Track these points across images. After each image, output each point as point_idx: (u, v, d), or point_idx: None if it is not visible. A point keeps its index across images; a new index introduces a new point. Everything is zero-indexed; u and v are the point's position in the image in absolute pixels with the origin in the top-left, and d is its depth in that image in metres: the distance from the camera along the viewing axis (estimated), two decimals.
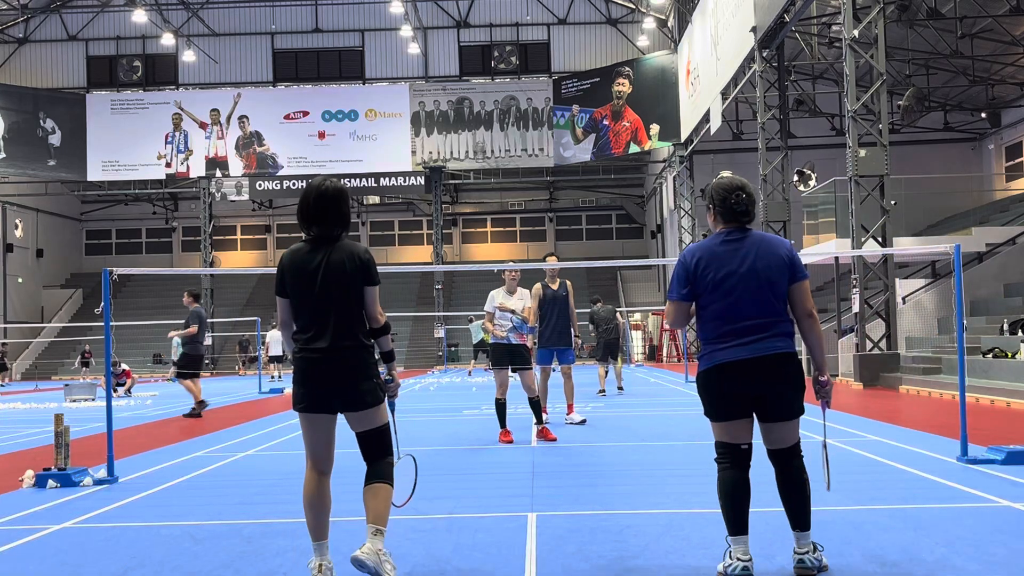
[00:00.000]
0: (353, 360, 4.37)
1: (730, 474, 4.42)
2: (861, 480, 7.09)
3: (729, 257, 4.37)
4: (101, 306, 8.20)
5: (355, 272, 4.40)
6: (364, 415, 4.42)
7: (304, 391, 4.39)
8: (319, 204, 4.46)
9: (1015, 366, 14.52)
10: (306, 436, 4.48)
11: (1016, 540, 5.05)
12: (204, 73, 46.44)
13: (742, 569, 4.32)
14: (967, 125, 35.18)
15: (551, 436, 10.00)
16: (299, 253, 4.48)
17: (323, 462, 4.49)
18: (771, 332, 4.32)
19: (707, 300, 4.39)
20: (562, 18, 46.32)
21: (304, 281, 4.40)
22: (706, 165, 37.57)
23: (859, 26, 18.81)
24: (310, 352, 4.36)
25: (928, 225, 30.02)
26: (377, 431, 4.47)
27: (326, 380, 4.35)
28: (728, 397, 4.37)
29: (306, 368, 4.38)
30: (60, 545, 5.58)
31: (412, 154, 42.73)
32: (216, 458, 9.48)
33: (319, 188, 4.49)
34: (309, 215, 4.46)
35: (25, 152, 42.01)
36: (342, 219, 4.50)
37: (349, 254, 4.43)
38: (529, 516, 5.95)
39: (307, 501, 4.47)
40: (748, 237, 4.43)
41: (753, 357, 4.29)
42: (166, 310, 43.10)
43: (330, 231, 4.47)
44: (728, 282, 4.33)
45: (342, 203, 4.52)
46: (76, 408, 18.19)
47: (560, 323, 11.34)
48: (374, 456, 4.50)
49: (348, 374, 4.35)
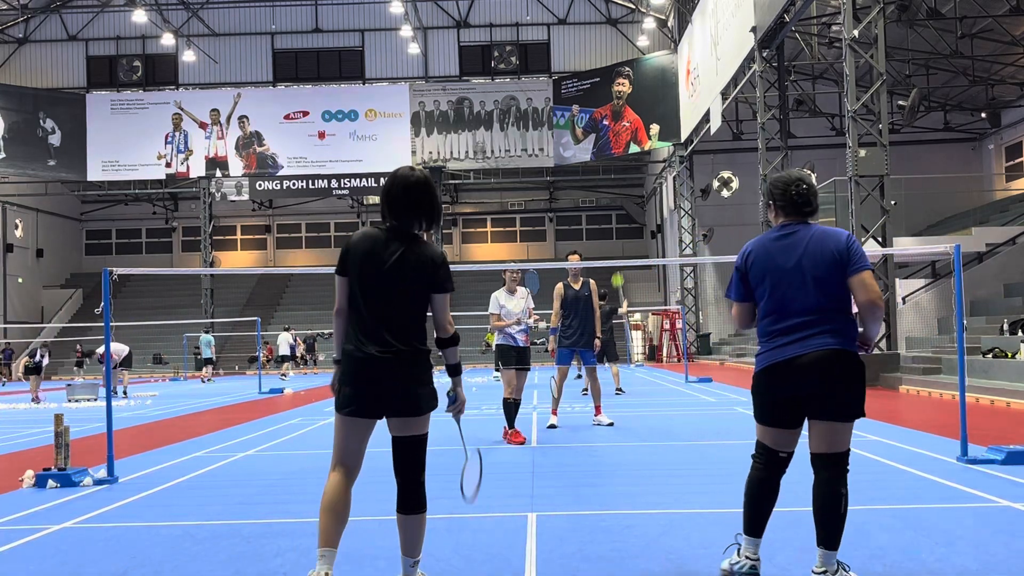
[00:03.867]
0: (411, 363, 4.05)
1: (761, 475, 4.34)
2: (861, 480, 7.08)
3: (780, 252, 4.26)
4: (101, 306, 8.20)
5: (429, 275, 4.07)
6: (412, 422, 4.10)
7: (354, 393, 4.05)
8: (412, 195, 4.10)
9: (1015, 366, 14.51)
10: (341, 438, 4.15)
11: (1016, 540, 5.05)
12: (204, 73, 46.44)
13: (750, 568, 4.30)
14: (967, 125, 35.18)
15: (520, 439, 9.84)
16: (373, 238, 4.11)
17: (353, 467, 4.19)
18: (819, 329, 4.14)
19: (759, 296, 4.30)
20: (562, 18, 46.32)
21: (372, 269, 4.06)
22: (706, 165, 37.58)
23: (859, 26, 18.80)
24: (365, 352, 4.03)
25: (928, 225, 30.04)
26: (417, 439, 4.15)
27: (381, 383, 4.03)
28: (777, 402, 4.24)
29: (359, 370, 4.04)
30: (60, 545, 5.58)
31: (412, 154, 42.72)
32: (216, 458, 9.47)
33: (410, 178, 4.12)
34: (398, 206, 4.10)
35: (25, 152, 42.02)
36: (432, 215, 4.15)
37: (427, 256, 4.09)
38: (529, 516, 5.95)
39: (327, 504, 4.14)
40: (802, 231, 4.29)
41: (800, 355, 4.13)
42: (166, 310, 43.17)
43: (414, 226, 4.12)
44: (774, 277, 4.23)
45: (435, 196, 4.17)
46: (76, 408, 18.19)
47: (584, 323, 11.11)
48: (409, 471, 4.15)
49: (405, 378, 4.04)
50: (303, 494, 7.12)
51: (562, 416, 12.38)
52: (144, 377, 37.93)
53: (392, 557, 5.09)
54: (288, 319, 44.16)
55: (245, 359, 41.06)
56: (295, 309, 45.97)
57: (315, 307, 45.78)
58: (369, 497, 7.01)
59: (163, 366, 41.67)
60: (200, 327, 39.94)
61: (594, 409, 11.75)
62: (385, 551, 5.23)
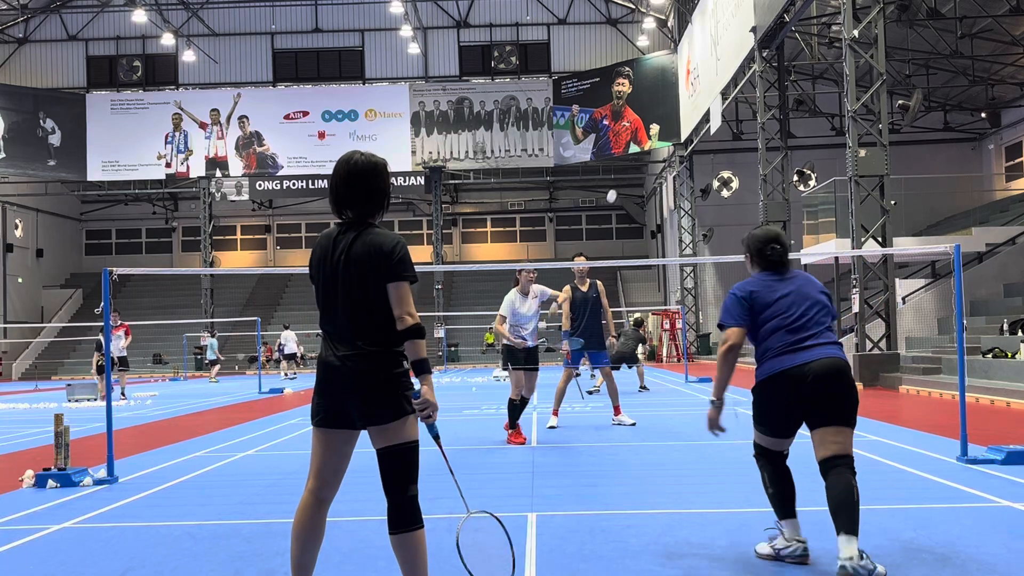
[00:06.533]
0: (372, 365, 3.67)
1: (772, 467, 4.76)
2: (861, 480, 7.08)
3: (779, 284, 4.76)
4: (101, 306, 8.21)
5: (378, 263, 3.71)
6: (385, 430, 3.68)
7: (319, 401, 3.78)
8: (347, 181, 3.82)
9: (1015, 366, 14.52)
10: (315, 454, 3.81)
11: (1016, 540, 5.05)
12: (204, 73, 46.44)
13: (802, 551, 4.65)
14: (967, 125, 35.18)
15: (521, 439, 9.87)
16: (326, 238, 3.88)
17: (326, 488, 3.82)
18: (825, 340, 4.61)
19: (766, 318, 4.69)
20: (562, 18, 46.32)
21: (325, 271, 3.83)
22: (706, 165, 37.57)
23: (859, 26, 18.80)
24: (328, 355, 3.76)
25: (928, 225, 30.04)
26: (399, 449, 3.68)
27: (343, 389, 3.69)
28: (783, 409, 4.61)
29: (323, 375, 3.77)
30: (60, 545, 5.58)
31: (412, 154, 42.73)
32: (216, 458, 9.47)
33: (348, 163, 3.84)
34: (336, 194, 3.85)
35: (25, 152, 42.01)
36: (372, 199, 3.82)
37: (372, 243, 3.74)
38: (529, 516, 5.95)
39: (297, 530, 3.80)
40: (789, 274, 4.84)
41: (810, 361, 4.52)
42: (166, 310, 43.17)
43: (359, 214, 3.82)
44: (784, 301, 4.69)
45: (372, 179, 3.83)
46: (76, 408, 18.19)
47: (592, 325, 11.11)
48: (395, 485, 3.69)
49: (365, 382, 3.66)
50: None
51: (562, 416, 12.37)
52: (144, 377, 37.91)
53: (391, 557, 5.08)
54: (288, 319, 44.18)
55: (245, 359, 41.05)
56: (295, 309, 45.96)
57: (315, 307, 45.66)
58: (369, 497, 7.01)
59: (163, 366, 41.65)
60: (200, 327, 39.96)
61: (613, 410, 11.64)
62: (385, 551, 5.23)
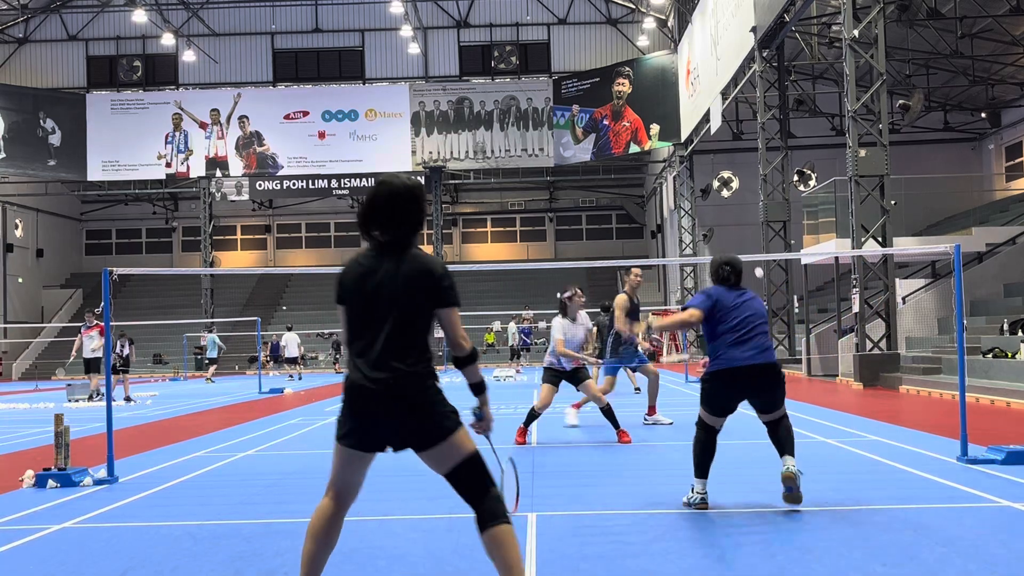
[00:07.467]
0: (413, 389, 3.67)
1: (706, 438, 6.10)
2: (861, 480, 7.09)
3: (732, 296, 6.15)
4: (101, 306, 8.21)
5: (427, 289, 3.75)
6: (438, 452, 3.71)
7: (351, 424, 3.73)
8: (390, 205, 3.79)
9: (1015, 366, 14.51)
10: (337, 467, 3.83)
11: (1016, 540, 5.05)
12: (204, 73, 46.44)
13: (700, 499, 6.02)
14: (967, 125, 35.18)
15: (522, 439, 10.00)
16: (363, 257, 3.82)
17: (348, 496, 3.89)
18: (763, 345, 6.01)
19: (722, 317, 6.05)
20: (562, 18, 46.32)
21: (364, 292, 3.75)
22: (706, 165, 37.56)
23: (859, 26, 18.80)
24: (361, 379, 3.69)
25: (928, 225, 30.03)
26: (466, 464, 3.73)
27: (379, 413, 3.67)
28: (726, 395, 6.02)
29: (357, 398, 3.71)
30: (60, 545, 5.58)
31: (412, 154, 42.73)
32: (216, 458, 9.47)
33: (390, 187, 3.81)
34: (375, 217, 3.79)
35: (25, 152, 42.01)
36: (412, 223, 3.82)
37: (423, 268, 3.76)
38: (529, 516, 5.95)
39: (313, 532, 3.84)
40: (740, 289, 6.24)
41: (757, 363, 5.94)
42: (166, 310, 43.15)
43: (398, 236, 3.80)
44: (735, 312, 6.05)
45: (413, 204, 3.83)
46: (76, 408, 18.19)
47: None
48: (476, 493, 3.75)
49: (405, 405, 3.66)
50: (303, 494, 7.12)
51: (558, 417, 12.35)
52: (144, 377, 37.92)
53: (392, 557, 5.09)
54: (288, 319, 44.18)
55: (245, 359, 41.05)
56: (295, 309, 45.96)
57: (315, 307, 45.79)
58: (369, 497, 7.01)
59: (163, 366, 41.67)
60: (200, 327, 39.94)
61: (648, 408, 11.85)
62: (385, 551, 5.24)
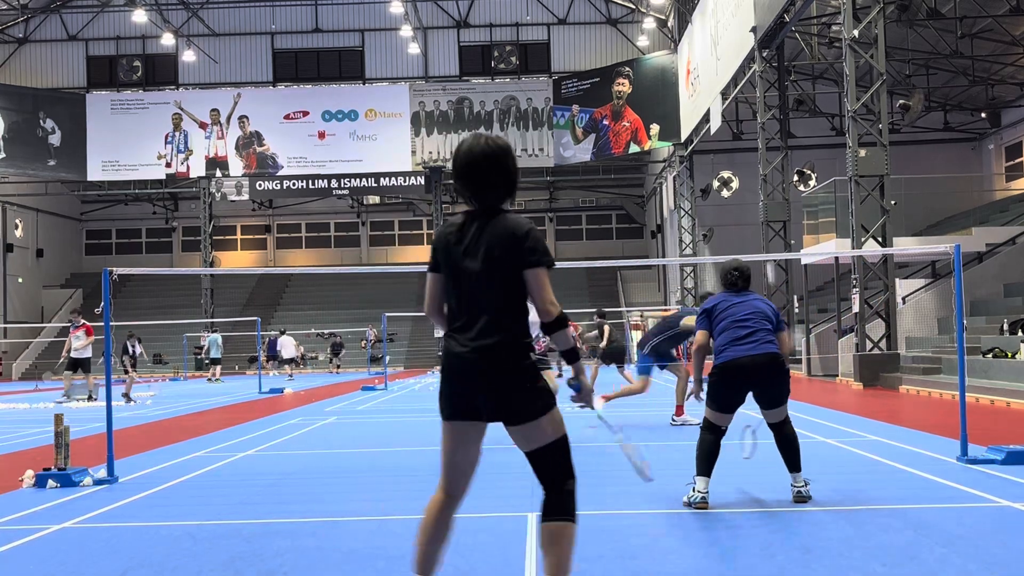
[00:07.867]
0: (502, 359, 3.56)
1: (711, 437, 6.14)
2: (861, 480, 7.10)
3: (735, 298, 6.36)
4: (101, 306, 8.20)
5: (510, 250, 3.56)
6: (526, 430, 3.62)
7: (448, 393, 3.67)
8: (470, 170, 3.66)
9: (1015, 366, 14.52)
10: (445, 449, 3.72)
11: (1016, 540, 5.05)
12: (204, 73, 46.44)
13: (701, 498, 5.98)
14: (967, 125, 35.18)
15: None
16: (453, 224, 3.73)
17: (458, 483, 3.74)
18: (763, 339, 6.12)
19: (721, 317, 6.28)
20: (562, 18, 46.32)
21: (453, 258, 3.65)
22: (706, 165, 37.56)
23: (859, 26, 18.80)
24: (456, 346, 3.62)
25: (928, 225, 30.01)
26: (550, 448, 3.64)
27: (474, 381, 3.58)
28: (734, 391, 6.14)
29: (452, 366, 3.64)
30: (60, 545, 5.58)
31: (412, 154, 42.73)
32: (216, 458, 9.47)
33: (468, 154, 3.67)
34: (467, 182, 3.68)
35: (25, 152, 42.01)
36: (496, 187, 3.66)
37: (505, 229, 3.59)
38: (529, 516, 5.94)
39: (425, 525, 3.72)
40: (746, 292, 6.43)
41: (756, 353, 6.06)
42: (166, 310, 43.14)
43: (490, 200, 3.66)
44: (736, 307, 6.26)
45: (495, 167, 3.65)
46: (76, 408, 18.19)
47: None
48: (551, 481, 3.64)
49: (497, 377, 3.56)
50: (303, 494, 7.12)
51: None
52: (144, 377, 37.90)
53: (392, 557, 5.09)
54: (288, 319, 44.18)
55: (245, 359, 41.05)
56: (295, 309, 45.99)
57: (315, 307, 45.81)
58: (369, 497, 7.02)
59: (163, 366, 41.65)
60: (200, 327, 39.95)
61: (675, 409, 11.97)
62: (385, 551, 5.24)
